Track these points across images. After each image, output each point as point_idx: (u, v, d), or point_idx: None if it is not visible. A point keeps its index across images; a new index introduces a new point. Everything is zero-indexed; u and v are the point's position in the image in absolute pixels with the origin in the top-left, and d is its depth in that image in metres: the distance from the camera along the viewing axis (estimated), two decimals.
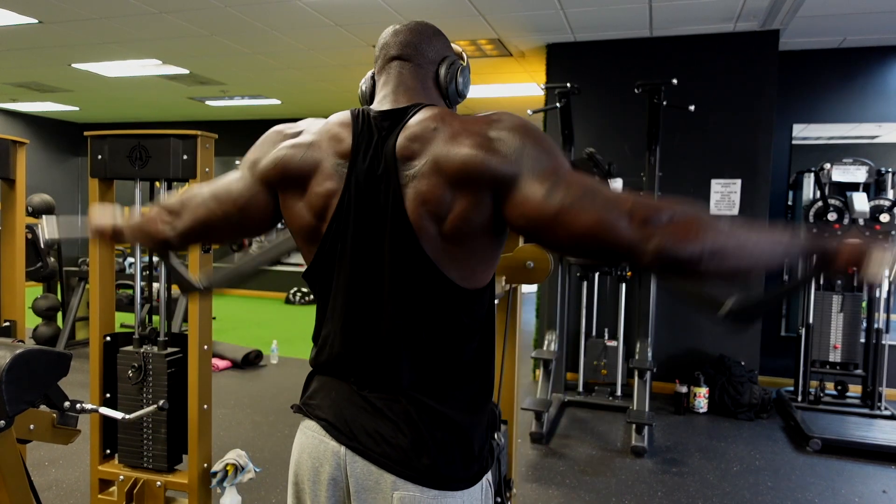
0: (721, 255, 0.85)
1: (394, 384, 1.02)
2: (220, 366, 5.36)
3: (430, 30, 1.12)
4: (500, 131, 0.94)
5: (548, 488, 3.23)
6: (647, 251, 0.85)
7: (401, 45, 1.10)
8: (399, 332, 1.01)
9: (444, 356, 1.03)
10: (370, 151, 1.01)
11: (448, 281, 0.98)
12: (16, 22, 4.89)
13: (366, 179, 1.00)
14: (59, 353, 1.33)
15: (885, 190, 4.44)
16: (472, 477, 1.03)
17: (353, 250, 1.02)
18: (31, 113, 9.91)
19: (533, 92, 7.03)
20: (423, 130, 0.98)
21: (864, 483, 3.38)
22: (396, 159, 0.98)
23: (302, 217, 1.06)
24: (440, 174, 0.94)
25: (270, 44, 5.41)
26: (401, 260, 0.98)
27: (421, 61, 1.09)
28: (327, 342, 1.08)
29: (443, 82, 1.11)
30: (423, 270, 0.97)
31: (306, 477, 1.08)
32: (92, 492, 2.40)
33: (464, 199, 0.94)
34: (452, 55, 1.14)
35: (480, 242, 0.98)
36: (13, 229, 2.54)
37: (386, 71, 1.10)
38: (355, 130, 1.03)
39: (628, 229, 0.86)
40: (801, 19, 4.34)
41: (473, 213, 0.94)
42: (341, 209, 1.01)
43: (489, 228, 0.96)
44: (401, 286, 0.99)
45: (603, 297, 4.95)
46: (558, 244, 0.93)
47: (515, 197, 0.92)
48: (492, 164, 0.91)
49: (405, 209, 0.96)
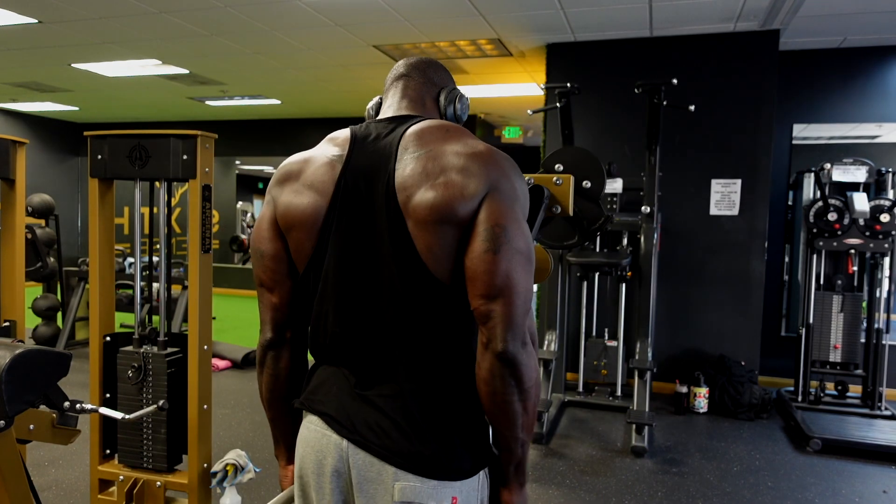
0: (526, 398, 1.02)
1: (390, 373, 1.06)
2: (220, 366, 5.36)
3: (438, 64, 1.27)
4: (472, 165, 1.04)
5: (548, 488, 3.23)
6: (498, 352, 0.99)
7: (409, 68, 1.23)
8: (390, 318, 1.06)
9: (438, 347, 1.07)
10: (367, 147, 1.10)
11: (427, 271, 1.03)
12: (15, 22, 4.89)
13: (362, 171, 1.08)
14: (59, 353, 1.33)
15: (885, 190, 4.44)
16: (470, 468, 1.06)
17: (345, 235, 1.08)
18: (31, 113, 9.91)
19: (533, 92, 7.03)
20: (422, 136, 1.07)
21: (865, 483, 3.38)
22: (398, 150, 1.06)
23: (300, 217, 1.11)
24: (416, 208, 1.02)
25: (270, 44, 5.41)
26: (391, 248, 1.04)
27: (425, 80, 1.22)
28: (321, 323, 1.12)
29: (442, 104, 1.23)
30: (410, 261, 1.03)
31: (310, 470, 1.11)
32: (92, 492, 2.40)
33: (436, 233, 1.03)
34: (454, 86, 1.27)
35: (455, 238, 1.04)
36: (13, 229, 2.54)
37: (392, 87, 1.23)
38: (353, 134, 1.13)
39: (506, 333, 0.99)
40: (801, 19, 4.34)
41: (441, 245, 1.03)
42: (336, 198, 1.08)
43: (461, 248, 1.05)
44: (390, 273, 1.05)
45: (603, 297, 4.96)
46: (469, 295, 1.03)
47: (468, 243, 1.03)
48: (455, 207, 1.01)
49: (397, 199, 1.03)
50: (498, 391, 1.00)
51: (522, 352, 0.99)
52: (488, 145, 1.07)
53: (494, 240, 1.00)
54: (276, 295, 1.17)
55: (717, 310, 4.83)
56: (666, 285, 4.85)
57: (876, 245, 4.35)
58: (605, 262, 4.36)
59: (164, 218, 2.37)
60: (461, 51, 5.50)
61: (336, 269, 1.09)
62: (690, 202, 4.85)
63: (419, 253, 1.02)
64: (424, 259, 1.02)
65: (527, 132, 9.87)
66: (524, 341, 1.00)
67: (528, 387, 1.01)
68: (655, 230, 4.28)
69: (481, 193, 1.01)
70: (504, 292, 0.99)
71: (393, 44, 5.28)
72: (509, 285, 0.99)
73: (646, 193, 4.29)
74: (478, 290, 1.00)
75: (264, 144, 10.02)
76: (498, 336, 0.98)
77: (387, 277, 1.05)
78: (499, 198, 1.02)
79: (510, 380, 0.99)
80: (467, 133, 1.10)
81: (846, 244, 4.41)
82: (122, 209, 10.31)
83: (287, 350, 1.21)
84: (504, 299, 0.99)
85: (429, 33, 4.99)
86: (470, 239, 1.01)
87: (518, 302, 1.00)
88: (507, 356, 0.98)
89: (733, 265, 4.78)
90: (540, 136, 6.14)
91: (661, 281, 4.75)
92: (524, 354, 1.00)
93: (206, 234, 2.28)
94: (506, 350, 0.98)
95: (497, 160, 1.05)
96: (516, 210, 1.04)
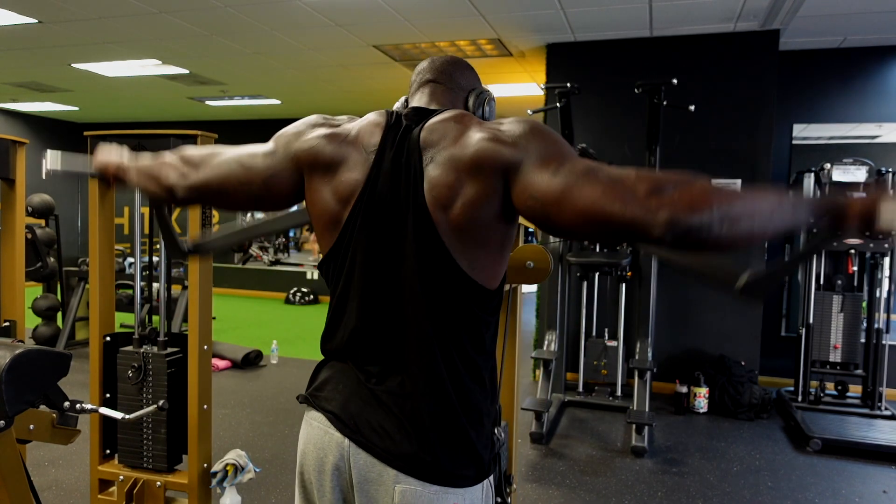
0: (732, 219, 0.84)
1: (404, 372, 1.04)
2: (220, 366, 5.36)
3: (464, 63, 1.22)
4: (510, 126, 1.00)
5: (548, 488, 3.23)
6: (657, 223, 0.84)
7: (436, 71, 1.19)
8: (411, 316, 1.03)
9: (455, 349, 1.04)
10: (396, 140, 1.07)
11: (459, 269, 1.00)
12: (15, 22, 4.89)
13: (391, 166, 1.05)
14: (59, 353, 1.33)
15: None
16: (474, 476, 1.05)
17: (371, 232, 1.05)
18: (31, 113, 9.91)
19: (533, 92, 7.03)
20: (445, 123, 1.05)
21: (864, 483, 3.38)
22: (420, 146, 1.03)
23: (326, 202, 1.09)
24: (455, 163, 0.99)
25: (270, 44, 5.41)
26: (417, 244, 1.01)
27: (453, 86, 1.18)
28: (342, 319, 1.10)
29: (471, 107, 1.18)
30: (437, 256, 1.00)
31: (311, 467, 1.10)
32: (92, 492, 2.40)
33: (476, 185, 0.98)
34: (481, 87, 1.22)
35: (491, 231, 1.01)
36: (13, 229, 2.54)
37: (420, 91, 1.19)
38: (387, 123, 1.10)
39: (635, 202, 0.85)
40: (801, 19, 4.34)
41: (485, 200, 0.98)
42: (364, 193, 1.05)
43: (500, 216, 1.00)
44: (415, 270, 1.02)
45: (603, 297, 4.95)
46: (566, 224, 0.92)
47: (523, 179, 0.95)
48: (502, 152, 0.97)
49: (423, 194, 1.00)
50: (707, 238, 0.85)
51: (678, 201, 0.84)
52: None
53: (555, 166, 0.93)
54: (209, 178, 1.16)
55: (717, 310, 4.83)
56: (666, 285, 4.85)
57: (876, 245, 4.35)
58: (605, 262, 4.36)
59: None
60: (461, 51, 5.50)
61: (364, 264, 1.06)
62: None
63: (448, 249, 0.99)
64: (454, 255, 0.99)
65: None
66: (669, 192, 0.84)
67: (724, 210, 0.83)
68: None
69: (518, 159, 0.96)
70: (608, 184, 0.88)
71: (393, 44, 5.28)
72: (613, 176, 0.88)
73: None
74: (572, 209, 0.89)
75: None
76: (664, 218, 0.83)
77: (411, 274, 1.02)
78: (540, 152, 0.96)
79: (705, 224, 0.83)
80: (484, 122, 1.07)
81: (846, 244, 4.42)
82: (122, 209, 10.31)
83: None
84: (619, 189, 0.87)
85: (429, 33, 4.99)
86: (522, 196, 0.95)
87: (644, 176, 0.87)
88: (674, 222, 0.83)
89: (733, 265, 4.77)
90: None
91: (661, 281, 4.75)
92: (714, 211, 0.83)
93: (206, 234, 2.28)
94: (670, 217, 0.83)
95: (527, 124, 1.00)
96: (563, 150, 0.97)
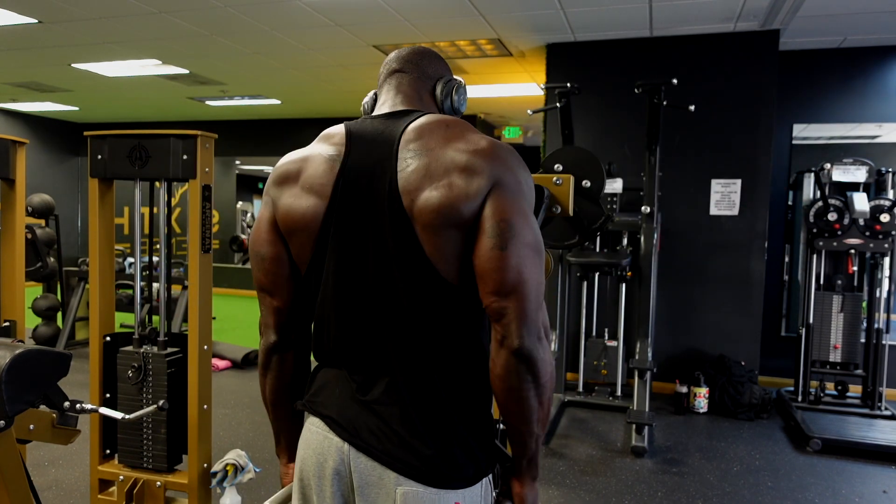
0: (542, 393, 1.01)
1: (390, 379, 1.05)
2: (220, 366, 5.36)
3: (431, 53, 1.22)
4: (476, 171, 1.01)
5: (548, 488, 3.23)
6: (514, 348, 0.98)
7: (402, 61, 1.19)
8: (392, 321, 1.04)
9: (441, 351, 1.05)
10: (364, 146, 1.07)
11: (435, 272, 1.01)
12: (15, 22, 4.89)
13: (361, 171, 1.06)
14: (59, 353, 1.33)
15: (885, 190, 4.44)
16: (472, 476, 1.05)
17: (345, 238, 1.06)
18: (31, 113, 9.91)
19: (533, 92, 7.03)
20: (422, 133, 1.05)
21: (865, 483, 3.38)
22: (398, 149, 1.04)
23: (300, 223, 1.09)
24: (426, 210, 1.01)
25: (270, 44, 5.41)
26: (395, 250, 1.02)
27: (419, 75, 1.19)
28: (323, 326, 1.11)
29: (439, 96, 1.20)
30: (417, 262, 1.01)
31: (311, 472, 1.09)
32: (92, 492, 2.40)
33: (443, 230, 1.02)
34: (450, 76, 1.23)
35: (468, 244, 1.02)
36: (13, 229, 2.54)
37: (387, 83, 1.19)
38: (349, 131, 1.11)
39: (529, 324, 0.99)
40: (801, 19, 4.34)
41: (451, 243, 1.02)
42: (334, 200, 1.06)
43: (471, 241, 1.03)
44: (393, 275, 1.03)
45: (603, 297, 4.95)
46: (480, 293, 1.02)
47: (474, 239, 1.02)
48: (461, 210, 1.00)
49: (401, 201, 1.01)
50: (514, 387, 0.99)
51: (538, 347, 0.99)
52: (491, 139, 1.05)
53: (501, 235, 0.98)
54: (277, 298, 1.16)
55: (717, 310, 4.83)
56: (666, 285, 4.85)
57: (876, 245, 4.35)
58: (605, 262, 4.36)
59: (164, 218, 2.37)
60: (461, 51, 5.50)
61: (336, 272, 1.07)
62: (690, 202, 4.85)
63: (427, 254, 1.00)
64: (432, 260, 1.01)
65: (527, 132, 9.87)
66: (539, 336, 0.99)
67: (544, 381, 1.01)
68: (655, 230, 4.28)
69: (485, 190, 1.00)
70: (516, 288, 0.98)
71: (393, 44, 5.28)
72: (520, 281, 0.98)
73: (646, 193, 4.29)
74: (489, 288, 0.99)
75: (264, 144, 10.02)
76: (513, 332, 0.97)
77: (390, 279, 1.03)
78: (503, 193, 1.01)
79: (526, 375, 0.99)
80: (469, 127, 1.07)
81: (846, 244, 4.42)
82: (122, 209, 10.31)
83: (291, 353, 1.21)
84: (516, 295, 0.98)
85: (429, 33, 4.99)
86: (477, 237, 1.00)
87: (531, 297, 0.99)
88: (523, 352, 0.97)
89: (733, 265, 4.78)
90: (540, 136, 6.14)
91: (661, 281, 4.75)
92: (540, 349, 0.99)
93: (206, 234, 2.28)
94: (522, 346, 0.97)
95: (500, 154, 1.03)
96: (521, 203, 1.02)
